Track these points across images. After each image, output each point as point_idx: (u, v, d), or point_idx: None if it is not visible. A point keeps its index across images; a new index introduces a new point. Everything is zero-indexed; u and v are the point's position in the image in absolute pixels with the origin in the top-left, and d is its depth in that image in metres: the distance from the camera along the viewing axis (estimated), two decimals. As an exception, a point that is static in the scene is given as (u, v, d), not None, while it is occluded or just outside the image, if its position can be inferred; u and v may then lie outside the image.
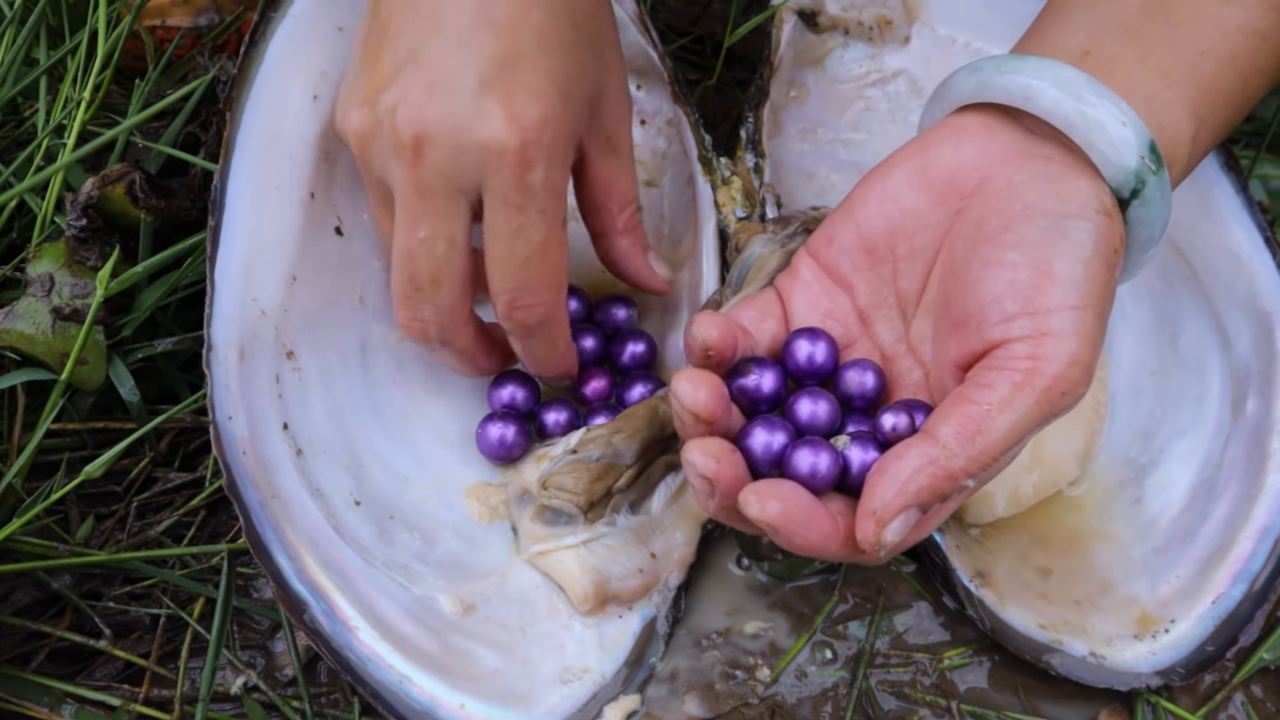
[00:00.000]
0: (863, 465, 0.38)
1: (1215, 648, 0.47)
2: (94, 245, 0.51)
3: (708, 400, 0.38)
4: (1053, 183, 0.39)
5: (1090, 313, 0.37)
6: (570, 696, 0.46)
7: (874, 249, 0.42)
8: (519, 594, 0.48)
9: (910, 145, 0.42)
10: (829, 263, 0.43)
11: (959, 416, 0.36)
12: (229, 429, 0.45)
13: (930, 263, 0.41)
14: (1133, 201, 0.40)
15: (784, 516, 0.36)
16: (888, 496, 0.36)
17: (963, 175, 0.41)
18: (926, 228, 0.41)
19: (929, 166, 0.41)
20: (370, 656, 0.44)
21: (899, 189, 0.41)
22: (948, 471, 0.36)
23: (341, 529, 0.46)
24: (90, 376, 0.51)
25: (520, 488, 0.48)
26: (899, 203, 0.41)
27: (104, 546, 0.50)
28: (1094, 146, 0.39)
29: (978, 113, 0.42)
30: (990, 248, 0.38)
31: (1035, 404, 0.36)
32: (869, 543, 0.36)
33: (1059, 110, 0.39)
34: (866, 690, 0.48)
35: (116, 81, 0.59)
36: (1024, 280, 0.37)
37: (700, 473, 0.37)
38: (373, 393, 0.50)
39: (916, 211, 0.41)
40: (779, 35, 0.56)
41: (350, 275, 0.51)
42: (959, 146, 0.41)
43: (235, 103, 0.48)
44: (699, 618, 0.49)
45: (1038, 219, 0.38)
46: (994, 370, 0.37)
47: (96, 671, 0.48)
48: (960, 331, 0.38)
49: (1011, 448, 0.37)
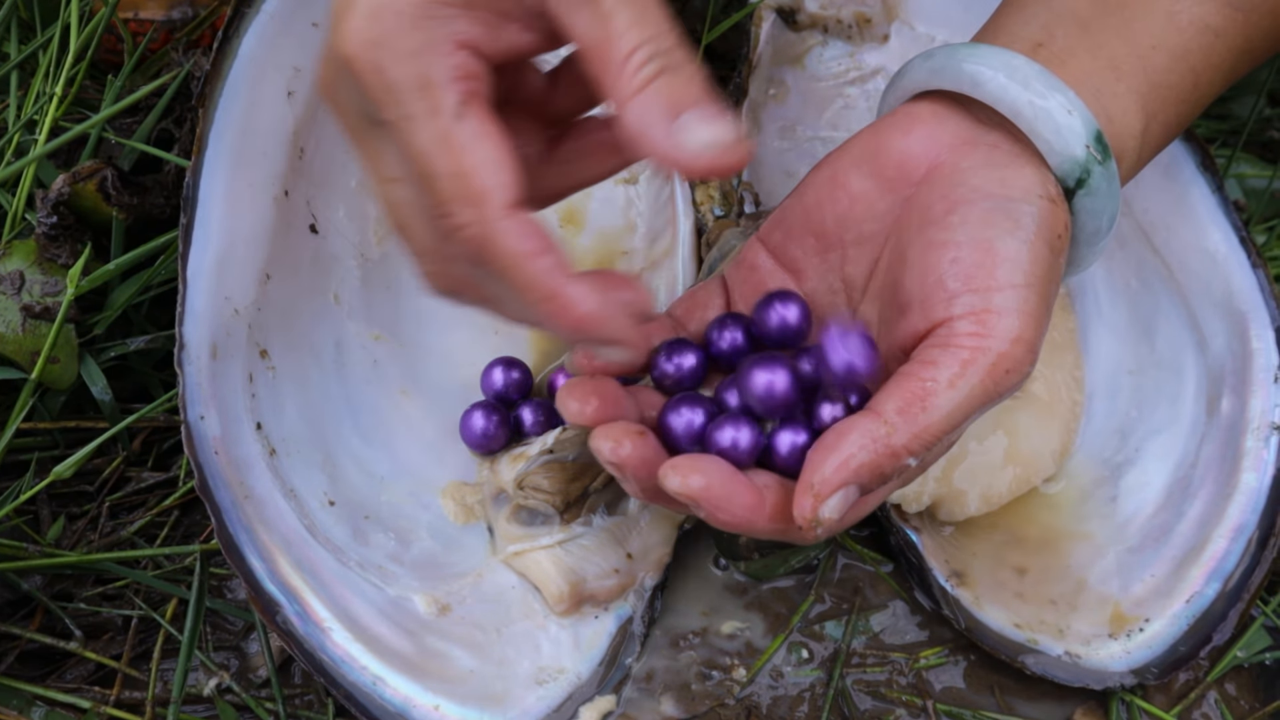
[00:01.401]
0: (792, 447, 0.38)
1: (1189, 646, 0.47)
2: (65, 243, 0.51)
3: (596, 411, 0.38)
4: (998, 169, 0.39)
5: (1034, 292, 0.37)
6: (545, 697, 0.45)
7: (823, 235, 0.42)
8: (495, 594, 0.47)
9: (863, 133, 0.42)
10: (778, 247, 0.43)
11: (903, 393, 0.36)
12: (201, 429, 0.44)
13: (879, 250, 0.41)
14: (1078, 191, 0.40)
15: (705, 490, 0.35)
16: (827, 472, 0.35)
17: (912, 163, 0.41)
18: (876, 215, 0.41)
19: (879, 154, 0.41)
20: (344, 658, 0.44)
21: (848, 175, 0.41)
22: (890, 449, 0.35)
23: (315, 529, 0.46)
24: (61, 375, 0.50)
25: (496, 488, 0.48)
26: (848, 189, 0.41)
27: (75, 547, 0.50)
28: (1039, 134, 0.39)
29: (930, 101, 0.42)
30: (934, 230, 0.39)
31: (980, 382, 0.36)
32: (805, 518, 0.35)
33: (1005, 97, 0.39)
34: (842, 690, 0.48)
35: (91, 76, 0.59)
36: (967, 259, 0.37)
37: (609, 459, 0.37)
38: (348, 392, 0.50)
39: (865, 199, 0.41)
40: (758, 33, 0.56)
41: (325, 273, 0.50)
42: (909, 134, 0.41)
43: (208, 99, 0.47)
44: (676, 618, 0.49)
45: (981, 201, 0.38)
46: (938, 348, 0.37)
47: (67, 674, 0.47)
48: (905, 314, 0.38)
49: (956, 426, 0.36)
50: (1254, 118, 0.60)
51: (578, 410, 0.38)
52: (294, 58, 0.49)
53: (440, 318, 0.53)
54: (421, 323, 0.52)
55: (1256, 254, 0.51)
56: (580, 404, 0.38)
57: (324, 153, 0.50)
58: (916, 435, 0.36)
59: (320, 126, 0.50)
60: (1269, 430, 0.49)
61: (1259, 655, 0.50)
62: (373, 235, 0.52)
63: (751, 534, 0.37)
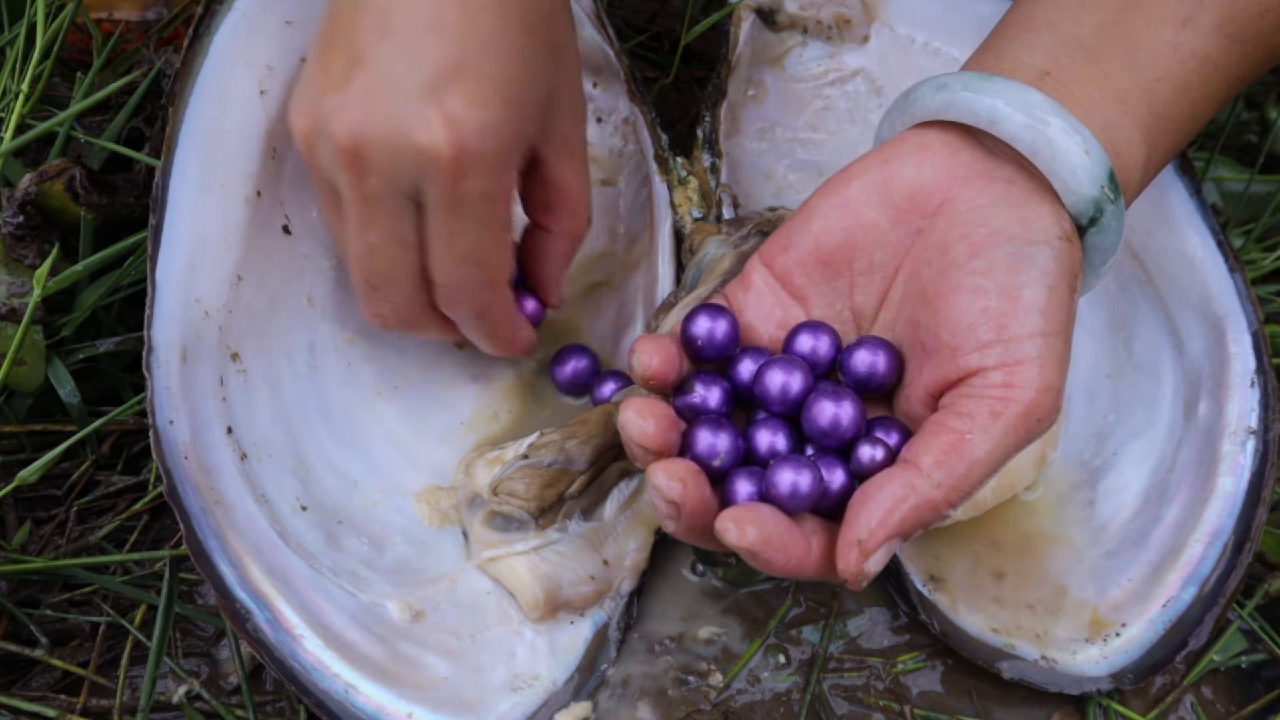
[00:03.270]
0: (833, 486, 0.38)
1: (1166, 651, 0.47)
2: (32, 242, 0.50)
3: (655, 431, 0.38)
4: (1016, 208, 0.39)
5: (1059, 339, 0.38)
6: (520, 704, 0.45)
7: (831, 261, 0.41)
8: (469, 600, 0.47)
9: (870, 158, 0.42)
10: (783, 272, 0.42)
11: (940, 445, 0.36)
12: (170, 433, 0.44)
13: (888, 280, 0.41)
14: (1090, 229, 0.40)
15: (762, 542, 0.36)
16: (872, 526, 0.36)
17: (924, 194, 0.40)
18: (886, 244, 0.41)
19: (890, 182, 0.41)
20: (315, 665, 0.43)
21: (859, 203, 0.41)
22: (931, 502, 0.36)
23: (287, 535, 0.45)
24: (28, 378, 0.49)
25: (471, 492, 0.48)
26: (858, 217, 0.41)
27: (42, 552, 0.49)
28: (1057, 174, 0.39)
29: (940, 130, 0.41)
30: (960, 274, 0.39)
31: (1013, 431, 0.37)
32: (852, 572, 0.36)
33: (1024, 136, 0.39)
34: (820, 695, 0.48)
35: (61, 74, 0.58)
36: (995, 307, 0.38)
37: (666, 497, 0.37)
38: (321, 395, 0.49)
39: (876, 227, 0.41)
40: (737, 33, 0.56)
41: (298, 275, 0.50)
42: (921, 164, 0.41)
43: (178, 97, 0.47)
44: (652, 623, 0.49)
45: (1004, 244, 0.38)
46: (971, 399, 0.37)
47: (32, 681, 0.46)
48: (933, 358, 0.39)
49: (990, 474, 0.37)
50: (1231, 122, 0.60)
51: (640, 429, 0.38)
52: (267, 56, 0.48)
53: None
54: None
55: (1234, 258, 0.51)
56: (642, 422, 0.38)
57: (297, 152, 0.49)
58: (955, 487, 0.36)
59: (293, 126, 0.49)
60: (1245, 434, 0.49)
61: (1235, 659, 0.50)
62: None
63: (798, 579, 0.38)
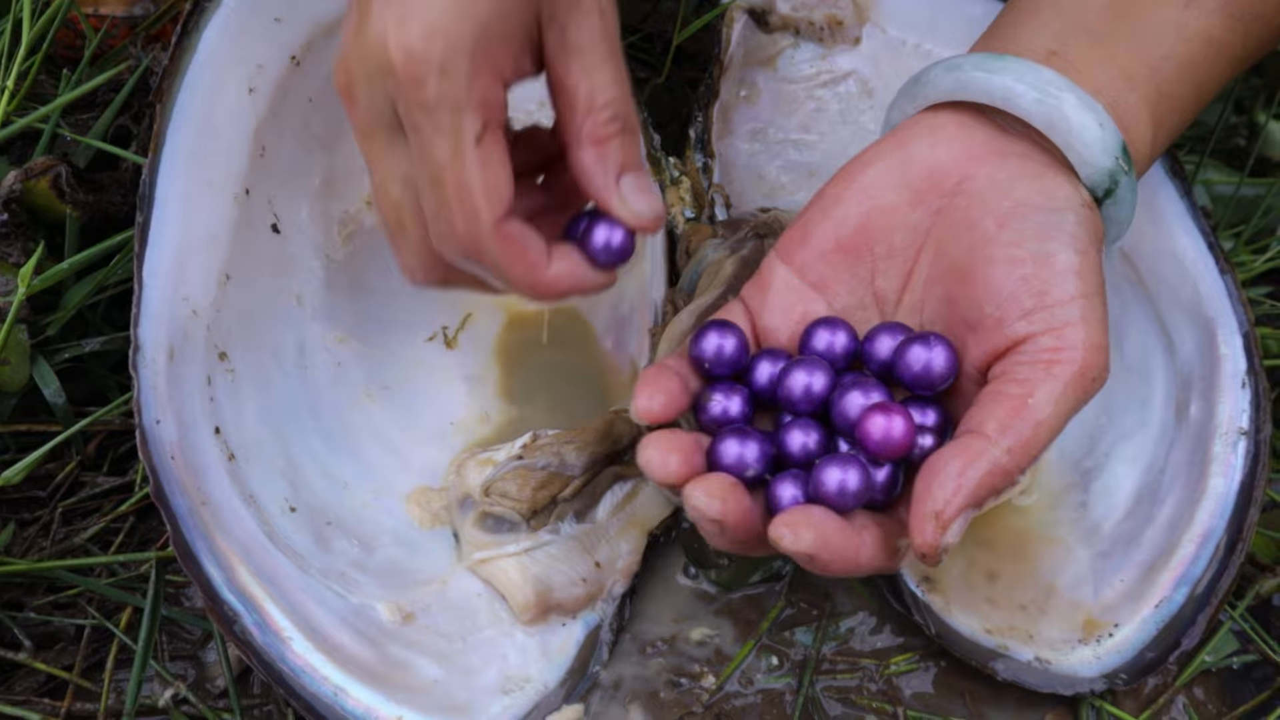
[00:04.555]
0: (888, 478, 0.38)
1: (1158, 651, 0.47)
2: (17, 240, 0.50)
3: (680, 468, 0.37)
4: (1035, 179, 0.40)
5: (1097, 298, 0.38)
6: (512, 707, 0.45)
7: (852, 248, 0.41)
8: (460, 602, 0.46)
9: (884, 143, 0.42)
10: (803, 265, 0.42)
11: (1002, 412, 0.37)
12: (156, 433, 0.43)
13: (910, 262, 0.41)
14: (1105, 201, 0.41)
15: (820, 544, 0.35)
16: (948, 496, 0.35)
17: (942, 173, 0.41)
18: (906, 227, 0.41)
19: (907, 165, 0.41)
20: (304, 668, 0.43)
21: (877, 187, 0.41)
22: (1002, 467, 0.36)
23: (275, 536, 0.45)
24: (12, 377, 0.49)
25: (462, 493, 0.47)
26: (877, 201, 0.41)
27: (26, 554, 0.48)
28: (1072, 147, 0.40)
29: (952, 111, 0.42)
30: (991, 246, 0.39)
31: (1071, 391, 0.37)
32: (930, 545, 0.35)
33: (1038, 112, 0.40)
34: (813, 697, 0.47)
35: (48, 72, 0.57)
36: (1033, 274, 0.38)
37: (708, 517, 0.36)
38: (310, 395, 0.49)
39: (896, 210, 0.41)
40: (729, 34, 0.55)
41: (287, 274, 0.49)
42: (936, 145, 0.41)
43: (166, 95, 0.46)
44: (644, 625, 0.48)
45: (1030, 214, 0.39)
46: (1024, 364, 0.37)
47: (16, 685, 0.46)
48: (976, 331, 0.39)
49: (1054, 437, 0.37)
50: (1220, 125, 0.61)
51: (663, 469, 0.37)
52: (256, 53, 0.48)
53: (406, 320, 0.52)
54: (386, 325, 0.51)
55: (1224, 259, 0.52)
56: (663, 458, 0.37)
57: (286, 151, 0.49)
58: (1022, 451, 0.36)
59: (282, 124, 0.49)
60: (1236, 435, 0.50)
61: (1227, 660, 0.50)
62: (337, 235, 0.51)
63: (856, 575, 0.37)
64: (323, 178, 0.50)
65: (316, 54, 0.49)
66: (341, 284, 0.51)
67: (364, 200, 0.51)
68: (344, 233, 0.51)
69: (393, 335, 0.51)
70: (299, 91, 0.49)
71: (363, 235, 0.51)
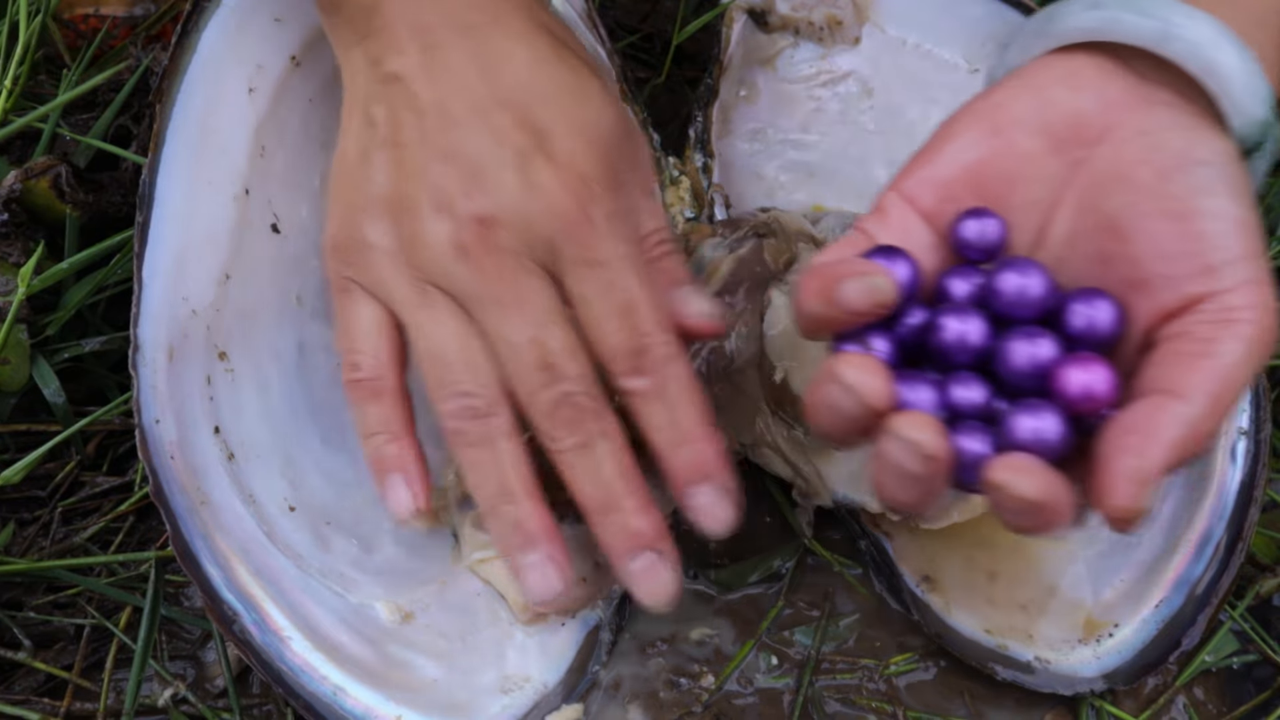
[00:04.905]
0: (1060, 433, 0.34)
1: (1158, 651, 0.47)
2: (17, 240, 0.50)
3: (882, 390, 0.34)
4: (1187, 131, 0.37)
5: (1264, 258, 0.36)
6: (511, 706, 0.45)
7: (987, 196, 0.38)
8: (459, 602, 0.46)
9: (1013, 85, 0.39)
10: (931, 210, 0.38)
11: (1192, 370, 0.34)
12: (156, 433, 0.43)
13: (1045, 215, 0.38)
14: (1254, 153, 0.38)
15: (1046, 490, 0.33)
16: (1153, 455, 0.33)
17: (1084, 122, 0.38)
18: (1043, 178, 0.38)
19: (1046, 109, 0.38)
20: (303, 667, 0.43)
21: (1012, 131, 0.38)
22: (1199, 428, 0.34)
23: (275, 536, 0.45)
24: (12, 377, 0.49)
25: (461, 493, 0.47)
26: (1016, 147, 0.38)
27: (26, 554, 0.48)
28: (1230, 95, 0.37)
29: (1088, 54, 0.39)
30: (1153, 200, 0.36)
31: (1255, 351, 0.35)
32: (1131, 510, 0.33)
33: (1196, 56, 0.37)
34: (812, 697, 0.47)
35: (48, 72, 0.57)
36: (1205, 231, 0.35)
37: (923, 452, 0.33)
38: (310, 395, 0.49)
39: (1033, 158, 0.38)
40: (729, 34, 0.55)
41: (287, 274, 0.49)
42: (1077, 90, 0.38)
43: (166, 95, 0.46)
44: (644, 624, 0.48)
45: (1192, 167, 0.36)
46: (1206, 324, 0.35)
47: (15, 685, 0.46)
48: (1141, 290, 0.36)
49: (1241, 396, 0.36)
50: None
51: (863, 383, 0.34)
52: (256, 54, 0.48)
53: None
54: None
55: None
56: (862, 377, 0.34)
57: (286, 150, 0.49)
58: (1215, 411, 0.34)
59: (282, 124, 0.49)
60: (1236, 435, 0.49)
61: (1227, 660, 0.50)
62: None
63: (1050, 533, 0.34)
64: (323, 177, 0.50)
65: (316, 54, 0.49)
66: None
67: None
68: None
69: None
70: (299, 91, 0.49)
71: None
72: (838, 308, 0.35)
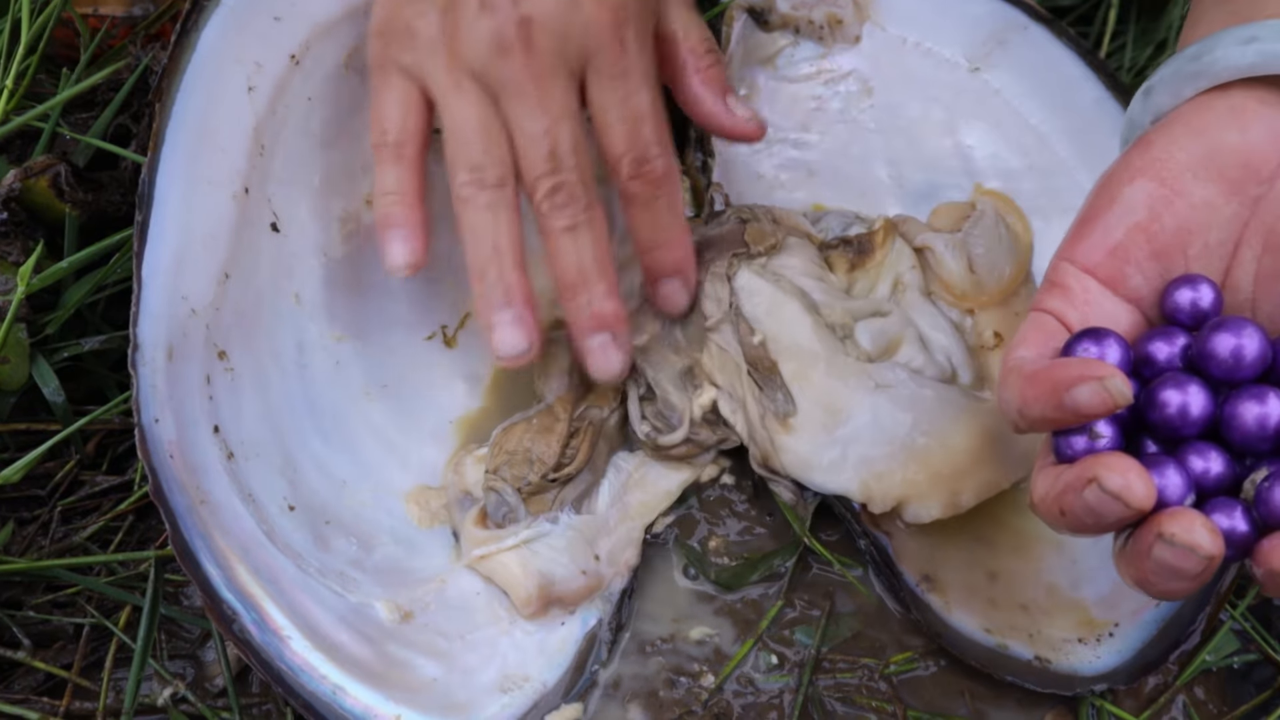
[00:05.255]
0: None
1: (1158, 651, 0.47)
2: (16, 239, 0.50)
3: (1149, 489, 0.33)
4: None
5: None
6: (510, 706, 0.45)
7: (1163, 252, 0.37)
8: (459, 600, 0.46)
9: (1170, 131, 0.38)
10: (1108, 273, 0.38)
11: None
12: (155, 432, 0.43)
13: (1227, 260, 0.38)
14: None
15: None
16: None
17: (1258, 160, 0.37)
18: (1221, 223, 0.37)
19: (1215, 154, 0.37)
20: (302, 667, 0.43)
21: (1185, 183, 0.37)
22: None
23: (274, 535, 0.45)
24: (12, 376, 0.49)
25: (461, 490, 0.47)
26: (1188, 198, 0.37)
27: (25, 553, 0.48)
28: None
29: (1247, 89, 0.37)
30: None
31: None
32: None
33: None
34: (813, 696, 0.47)
35: (47, 71, 0.57)
36: None
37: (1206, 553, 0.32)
38: (309, 394, 0.49)
39: (1209, 205, 0.37)
40: (729, 33, 0.55)
41: (286, 273, 0.49)
42: (1245, 129, 0.37)
43: (165, 94, 0.46)
44: (644, 624, 0.48)
45: None
46: None
47: (14, 684, 0.46)
48: None
49: None
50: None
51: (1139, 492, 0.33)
52: (255, 52, 0.48)
53: (405, 319, 0.52)
54: (385, 324, 0.51)
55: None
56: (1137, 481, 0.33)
57: (285, 149, 0.49)
58: None
59: (281, 123, 0.49)
60: (1237, 434, 0.49)
61: (1227, 659, 0.50)
62: (336, 234, 0.51)
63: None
64: (322, 176, 0.50)
65: (315, 53, 0.49)
66: (341, 283, 0.51)
67: (364, 199, 0.51)
68: (343, 231, 0.51)
69: (392, 334, 0.51)
70: (298, 90, 0.49)
71: (362, 234, 0.51)
72: (1069, 412, 0.34)
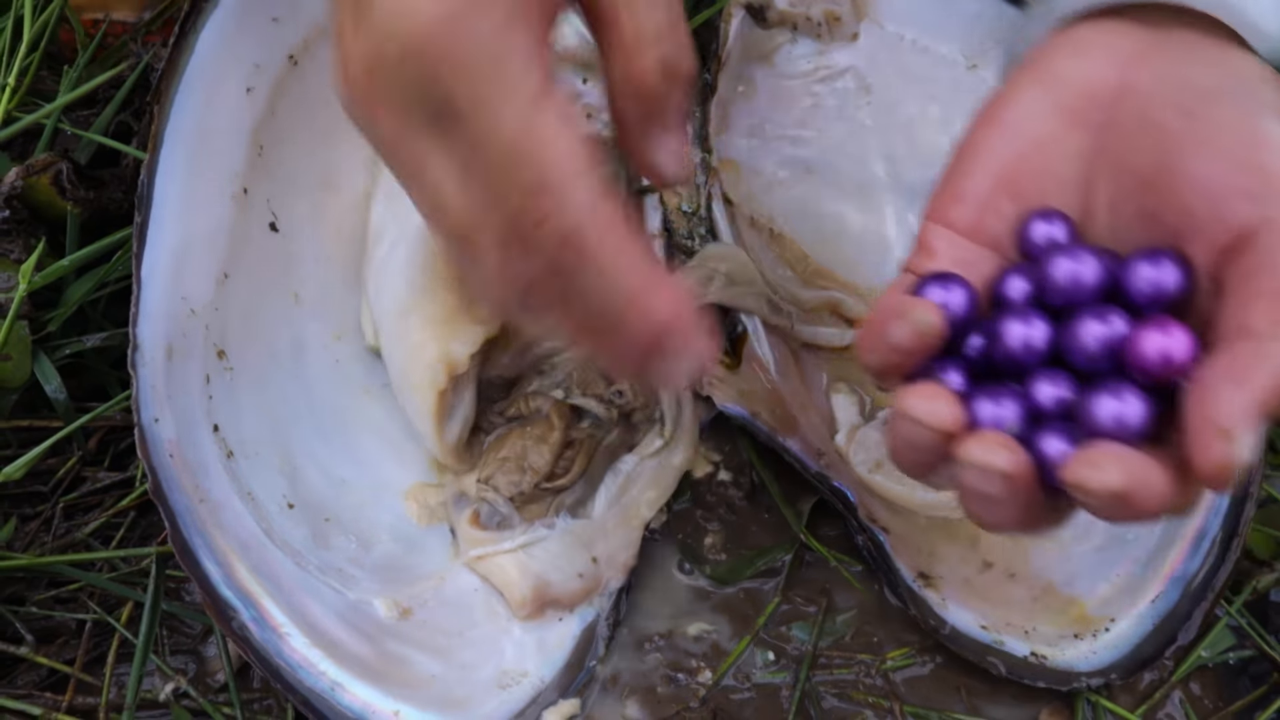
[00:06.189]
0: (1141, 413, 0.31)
1: (1154, 646, 0.47)
2: (18, 237, 0.50)
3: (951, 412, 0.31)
4: (1213, 64, 0.35)
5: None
6: (508, 701, 0.45)
7: (1017, 194, 0.36)
8: (457, 597, 0.47)
9: (1020, 76, 0.37)
10: (969, 225, 0.37)
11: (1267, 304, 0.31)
12: (155, 431, 0.44)
13: (1083, 190, 0.36)
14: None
15: (1131, 478, 0.29)
16: (1237, 402, 0.29)
17: (1097, 85, 0.36)
18: (1069, 155, 0.36)
19: (1055, 88, 0.36)
20: (301, 663, 0.43)
21: (1026, 121, 0.36)
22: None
23: (273, 533, 0.45)
24: (14, 373, 0.49)
25: (458, 490, 0.48)
26: (1031, 135, 0.36)
27: (28, 549, 0.49)
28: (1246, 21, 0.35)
29: (1091, 23, 0.37)
30: (1184, 140, 0.34)
31: None
32: (1219, 464, 0.29)
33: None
34: (810, 692, 0.48)
35: (50, 69, 0.58)
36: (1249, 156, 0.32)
37: (999, 470, 0.30)
38: (308, 392, 0.49)
39: (1054, 140, 0.36)
40: (727, 29, 0.55)
41: (285, 272, 0.50)
42: (1085, 57, 0.36)
43: (164, 95, 0.46)
44: (641, 620, 0.49)
45: (1220, 97, 0.34)
46: (1271, 250, 0.31)
47: (17, 679, 0.46)
48: (1190, 237, 0.33)
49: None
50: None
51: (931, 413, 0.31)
52: (254, 54, 0.48)
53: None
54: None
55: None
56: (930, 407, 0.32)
57: (284, 149, 0.49)
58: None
59: (280, 123, 0.49)
60: (1234, 431, 0.49)
61: (1223, 655, 0.50)
62: (335, 233, 0.51)
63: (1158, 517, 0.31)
64: (320, 176, 0.51)
65: (314, 54, 0.49)
66: (339, 281, 0.51)
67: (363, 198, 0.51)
68: (342, 230, 0.51)
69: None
70: (296, 91, 0.49)
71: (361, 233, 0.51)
72: (891, 353, 0.33)
